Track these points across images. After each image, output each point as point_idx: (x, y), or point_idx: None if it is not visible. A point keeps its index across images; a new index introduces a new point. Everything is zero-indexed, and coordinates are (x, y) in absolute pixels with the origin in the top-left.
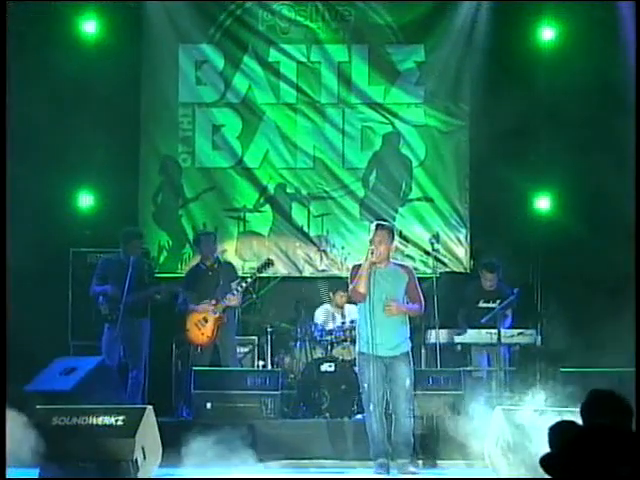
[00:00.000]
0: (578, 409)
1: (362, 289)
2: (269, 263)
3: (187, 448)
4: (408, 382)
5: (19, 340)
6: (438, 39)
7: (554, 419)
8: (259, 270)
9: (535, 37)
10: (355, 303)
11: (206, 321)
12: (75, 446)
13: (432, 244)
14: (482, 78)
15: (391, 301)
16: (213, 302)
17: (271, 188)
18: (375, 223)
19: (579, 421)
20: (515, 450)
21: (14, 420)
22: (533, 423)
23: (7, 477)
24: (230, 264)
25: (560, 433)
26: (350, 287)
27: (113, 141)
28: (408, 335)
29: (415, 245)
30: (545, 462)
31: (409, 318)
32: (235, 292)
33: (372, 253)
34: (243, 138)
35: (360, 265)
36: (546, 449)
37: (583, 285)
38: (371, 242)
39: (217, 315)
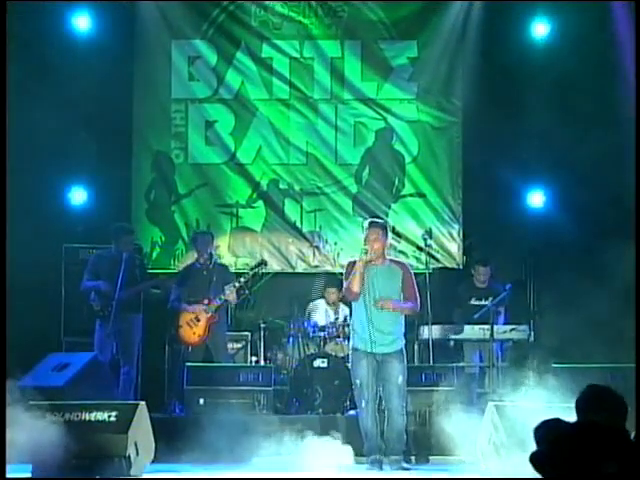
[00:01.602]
0: (571, 404)
1: (356, 288)
2: (262, 263)
3: (180, 444)
4: (401, 379)
5: (12, 336)
6: (431, 35)
7: (547, 415)
8: (253, 269)
9: (528, 33)
10: (347, 302)
11: (198, 320)
12: (68, 442)
13: (425, 240)
14: (475, 74)
15: (385, 300)
16: (206, 301)
17: (264, 184)
18: (369, 221)
19: (570, 417)
20: (507, 446)
21: (6, 416)
22: (525, 419)
23: (7, 477)
24: (225, 265)
25: (546, 431)
26: (344, 286)
27: (106, 137)
28: (403, 332)
29: (408, 241)
30: (535, 459)
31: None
32: (228, 292)
33: (366, 253)
34: (236, 134)
35: (355, 262)
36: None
37: (576, 280)
38: (365, 240)
39: (210, 315)
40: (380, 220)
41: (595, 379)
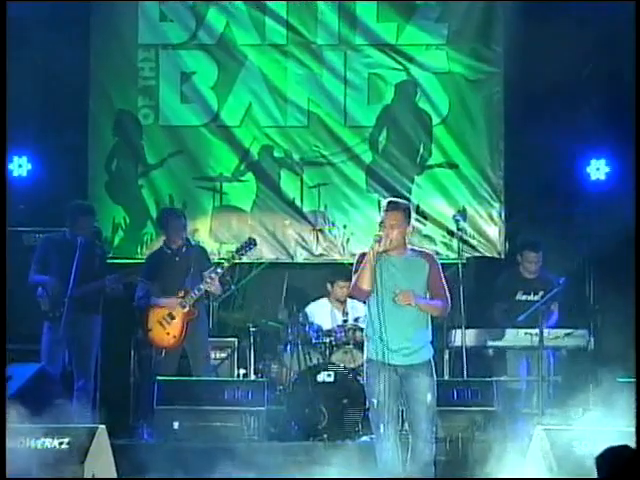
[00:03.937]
0: None
1: (365, 285)
2: (251, 243)
3: (148, 477)
4: (429, 397)
5: None
6: None
7: (610, 441)
8: (238, 252)
9: None
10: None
11: (172, 317)
12: (9, 475)
13: (457, 222)
14: (519, 13)
15: (404, 292)
16: (181, 294)
17: (255, 152)
18: (387, 200)
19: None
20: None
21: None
22: (583, 446)
23: (7, 477)
24: (202, 248)
25: (610, 460)
26: (352, 282)
27: (55, 93)
28: (430, 339)
29: (435, 223)
30: None
31: (431, 317)
32: (209, 280)
33: (379, 241)
34: (219, 89)
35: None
36: None
37: None
38: (381, 225)
39: (186, 310)
40: (402, 201)
41: None
